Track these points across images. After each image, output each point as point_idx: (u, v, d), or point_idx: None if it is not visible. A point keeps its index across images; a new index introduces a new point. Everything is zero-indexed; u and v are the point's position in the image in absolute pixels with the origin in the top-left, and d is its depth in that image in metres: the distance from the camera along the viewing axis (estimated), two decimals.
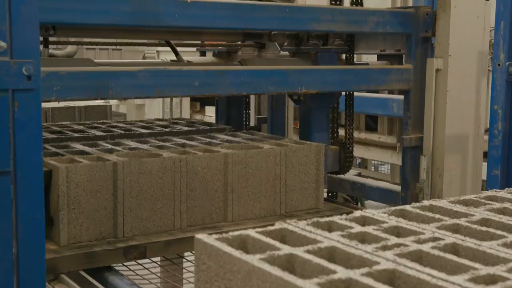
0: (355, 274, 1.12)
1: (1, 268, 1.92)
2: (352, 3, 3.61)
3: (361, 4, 3.61)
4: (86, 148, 2.94)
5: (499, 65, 3.02)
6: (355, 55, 3.85)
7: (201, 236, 1.32)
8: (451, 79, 3.34)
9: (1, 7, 1.87)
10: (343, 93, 3.87)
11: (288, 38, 3.69)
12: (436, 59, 3.34)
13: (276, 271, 1.13)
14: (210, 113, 8.30)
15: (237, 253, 1.23)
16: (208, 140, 3.24)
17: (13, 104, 1.93)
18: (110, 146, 2.99)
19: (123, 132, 3.55)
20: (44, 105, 4.54)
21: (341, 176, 3.97)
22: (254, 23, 2.98)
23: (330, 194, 4.06)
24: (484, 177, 3.20)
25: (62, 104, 5.16)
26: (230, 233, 1.33)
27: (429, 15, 3.38)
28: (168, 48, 3.60)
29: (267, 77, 2.98)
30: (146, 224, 2.68)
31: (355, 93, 3.95)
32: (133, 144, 3.09)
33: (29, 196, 1.96)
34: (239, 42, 3.89)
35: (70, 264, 2.37)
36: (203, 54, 4.29)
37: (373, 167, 7.43)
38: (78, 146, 3.00)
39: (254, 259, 1.19)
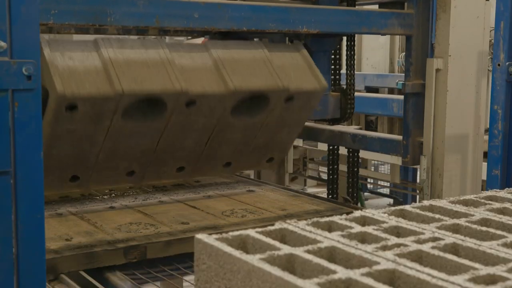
0: (355, 274, 1.12)
1: (1, 268, 1.92)
2: None
3: None
4: None
5: (499, 65, 3.02)
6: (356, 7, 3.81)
7: (201, 236, 1.32)
8: (451, 79, 3.34)
9: (1, 7, 1.87)
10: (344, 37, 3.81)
11: None
12: (436, 59, 3.34)
13: (276, 271, 1.13)
14: None
15: (237, 253, 1.22)
16: None
17: (13, 104, 1.92)
18: None
19: None
20: None
21: (342, 129, 3.95)
22: None
23: (331, 147, 4.03)
24: (484, 177, 3.20)
25: None
26: (230, 233, 1.32)
27: None
28: None
29: (268, 13, 3.00)
30: None
31: (356, 93, 3.94)
32: None
33: (29, 196, 1.95)
34: None
35: (70, 264, 2.37)
36: None
37: (373, 167, 7.43)
38: None
39: (254, 259, 1.19)
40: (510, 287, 1.04)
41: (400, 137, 3.67)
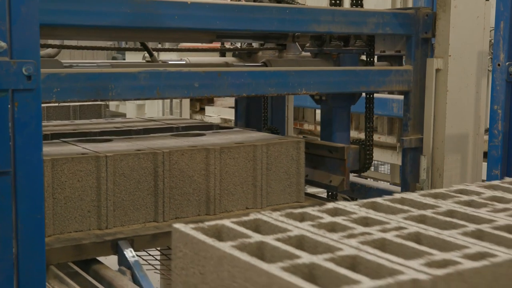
0: (318, 259, 1.17)
1: (1, 268, 1.93)
2: (352, 4, 3.62)
3: (361, 5, 3.65)
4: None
5: (499, 65, 3.04)
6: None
7: (179, 225, 1.38)
8: (451, 79, 3.36)
9: (1, 7, 1.88)
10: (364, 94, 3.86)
11: (310, 39, 3.69)
12: (436, 59, 3.36)
13: (244, 257, 1.19)
14: (210, 113, 8.31)
15: (210, 241, 1.28)
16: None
17: (13, 104, 1.92)
18: None
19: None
20: None
21: None
22: (254, 25, 3.00)
23: (330, 193, 4.07)
24: (484, 177, 3.22)
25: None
26: (206, 223, 1.38)
27: (429, 16, 3.41)
28: (168, 47, 3.57)
29: (266, 78, 2.99)
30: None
31: None
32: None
33: (29, 196, 1.97)
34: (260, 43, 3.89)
35: (59, 256, 2.41)
36: (222, 54, 4.29)
37: (373, 167, 7.42)
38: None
39: (226, 246, 1.25)
40: (460, 270, 1.09)
41: (398, 188, 3.73)
